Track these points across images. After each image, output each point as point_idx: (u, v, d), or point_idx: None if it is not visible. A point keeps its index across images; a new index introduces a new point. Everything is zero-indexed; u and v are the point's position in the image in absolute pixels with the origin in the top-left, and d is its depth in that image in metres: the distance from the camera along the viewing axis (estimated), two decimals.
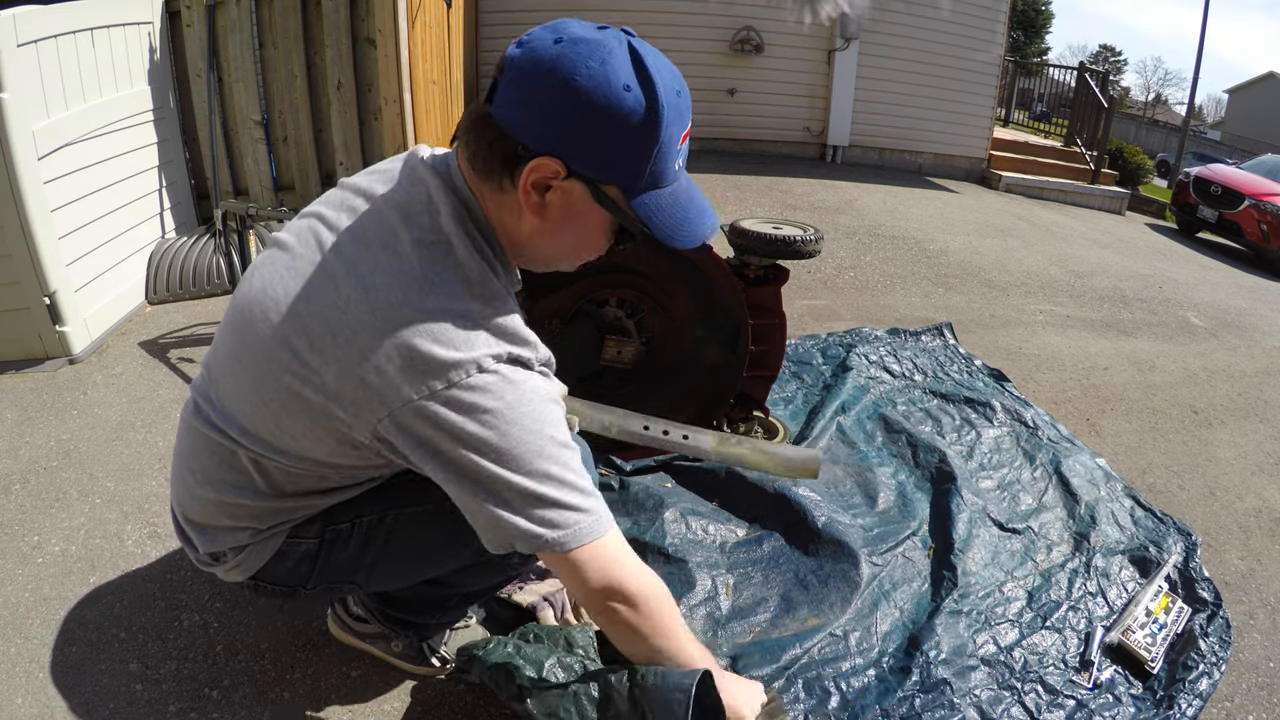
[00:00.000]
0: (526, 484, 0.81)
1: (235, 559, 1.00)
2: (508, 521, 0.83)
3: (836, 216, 5.24)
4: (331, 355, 0.80)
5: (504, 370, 0.81)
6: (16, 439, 1.96)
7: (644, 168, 0.80)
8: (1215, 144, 23.94)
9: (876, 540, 1.72)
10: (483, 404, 0.79)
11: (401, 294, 0.79)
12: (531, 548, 0.84)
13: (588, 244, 0.90)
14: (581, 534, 0.84)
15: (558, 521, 0.83)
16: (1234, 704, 1.48)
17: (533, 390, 0.83)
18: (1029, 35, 28.26)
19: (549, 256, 0.92)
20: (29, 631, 1.37)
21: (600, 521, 0.86)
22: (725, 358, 1.92)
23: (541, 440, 0.82)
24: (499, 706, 1.27)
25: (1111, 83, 11.18)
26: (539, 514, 0.82)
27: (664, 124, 0.77)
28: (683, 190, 0.86)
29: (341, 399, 0.81)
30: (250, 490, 0.94)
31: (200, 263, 2.96)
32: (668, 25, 6.55)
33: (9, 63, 2.13)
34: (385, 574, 1.08)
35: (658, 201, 0.83)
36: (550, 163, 0.78)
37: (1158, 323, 4.05)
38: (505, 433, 0.80)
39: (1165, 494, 2.26)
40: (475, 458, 0.80)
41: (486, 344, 0.80)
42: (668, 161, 0.81)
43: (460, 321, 0.80)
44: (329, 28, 3.35)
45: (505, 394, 0.80)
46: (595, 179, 0.80)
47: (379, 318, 0.79)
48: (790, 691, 1.33)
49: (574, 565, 0.86)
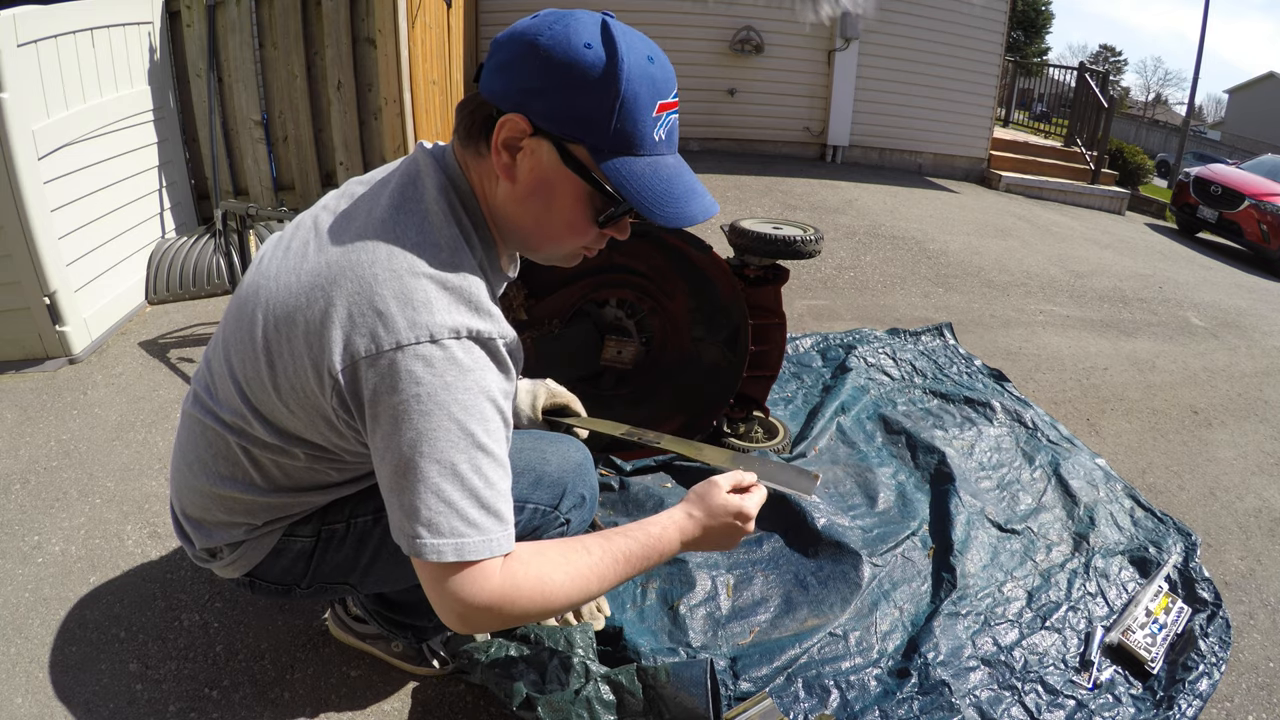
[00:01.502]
0: (429, 473, 0.76)
1: (231, 555, 1.00)
2: (394, 507, 0.79)
3: (836, 216, 5.24)
4: (301, 314, 0.81)
5: (453, 348, 0.77)
6: (16, 439, 1.96)
7: (607, 125, 0.78)
8: (1215, 144, 23.94)
9: (876, 540, 1.72)
10: (420, 375, 0.76)
11: (369, 254, 0.80)
12: (407, 548, 0.78)
13: (562, 217, 0.85)
14: (466, 549, 0.77)
15: (442, 528, 0.77)
16: (1234, 704, 1.48)
17: (475, 383, 0.78)
18: (1029, 35, 28.25)
19: (527, 233, 0.88)
20: (29, 631, 1.37)
21: (490, 543, 0.79)
22: (725, 358, 1.92)
23: (463, 435, 0.77)
24: (499, 706, 1.27)
25: (1111, 83, 11.17)
26: (427, 512, 0.77)
27: (624, 79, 0.76)
28: (666, 164, 0.83)
29: (311, 354, 0.80)
30: (245, 484, 0.94)
31: (200, 263, 2.96)
32: (668, 25, 6.55)
33: (9, 63, 2.13)
34: (379, 577, 1.08)
35: (631, 168, 0.80)
36: (516, 119, 0.79)
37: (1158, 323, 4.05)
38: (428, 413, 0.76)
39: (1165, 494, 2.26)
40: (396, 428, 0.77)
41: (445, 312, 0.78)
42: (637, 125, 0.79)
43: (421, 285, 0.78)
44: (329, 28, 3.35)
45: (445, 373, 0.76)
46: (559, 135, 0.79)
47: (347, 275, 0.79)
48: (790, 691, 1.33)
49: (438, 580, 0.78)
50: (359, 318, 0.77)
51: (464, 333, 0.78)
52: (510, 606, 0.80)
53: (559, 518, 1.11)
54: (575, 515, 1.14)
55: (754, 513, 1.01)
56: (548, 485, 1.09)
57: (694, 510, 0.98)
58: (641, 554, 0.92)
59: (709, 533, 0.97)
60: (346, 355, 0.77)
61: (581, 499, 1.15)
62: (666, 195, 0.81)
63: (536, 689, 1.17)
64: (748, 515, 0.99)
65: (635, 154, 0.80)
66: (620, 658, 1.35)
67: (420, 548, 0.77)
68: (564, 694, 1.15)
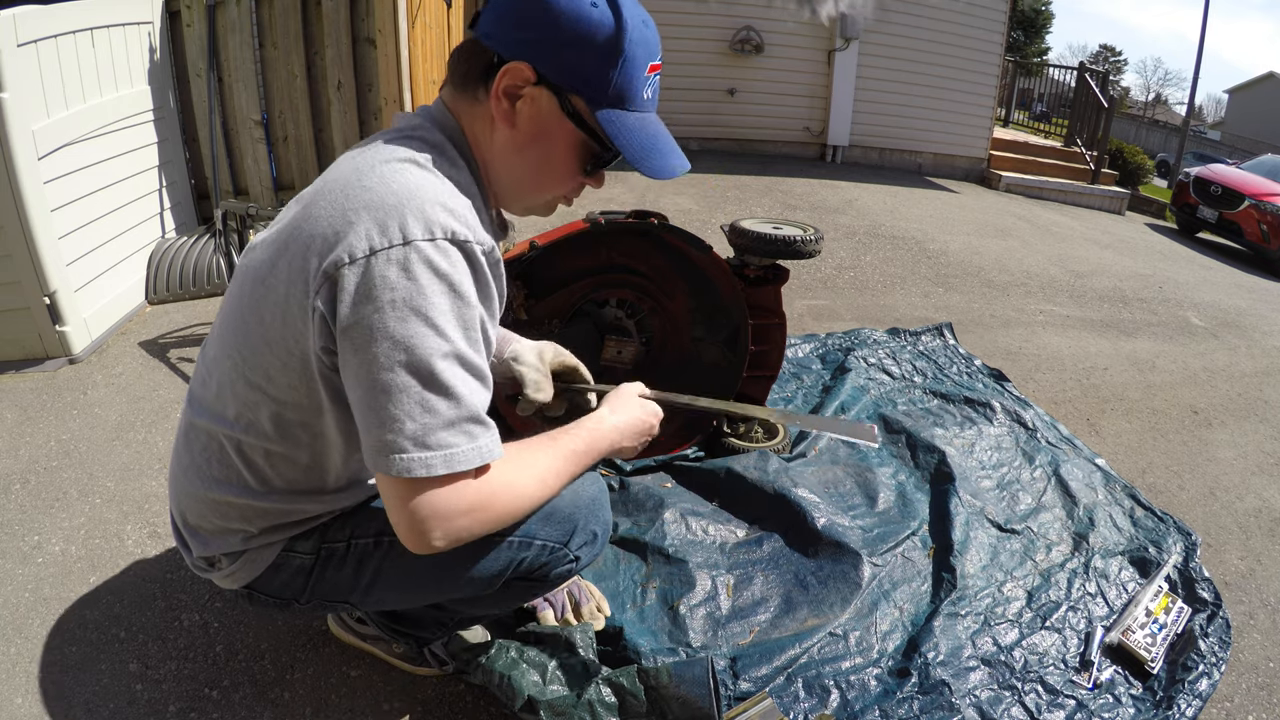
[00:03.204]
0: (410, 383, 0.74)
1: (230, 566, 0.99)
2: (371, 425, 0.76)
3: (836, 216, 5.24)
4: (285, 246, 0.82)
5: (428, 250, 0.75)
6: (16, 439, 1.96)
7: (608, 80, 0.83)
8: (1215, 144, 23.93)
9: (876, 540, 1.72)
10: (394, 280, 0.74)
11: (344, 177, 0.82)
12: (388, 467, 0.76)
13: (556, 166, 0.89)
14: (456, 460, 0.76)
15: (428, 440, 0.75)
16: (1234, 704, 1.48)
17: (452, 286, 0.76)
18: (1029, 35, 28.25)
19: (519, 179, 0.91)
20: (29, 631, 1.37)
21: (480, 450, 0.78)
22: (725, 358, 1.92)
23: (442, 340, 0.75)
24: (499, 707, 1.27)
25: (1111, 83, 11.17)
26: (412, 424, 0.75)
27: (628, 39, 0.82)
28: (652, 121, 0.89)
29: (291, 276, 0.79)
30: (239, 487, 0.93)
31: (200, 263, 2.96)
32: (668, 25, 6.54)
33: (9, 63, 2.13)
34: (380, 598, 1.05)
35: (625, 121, 0.85)
36: (521, 67, 0.82)
37: (1158, 323, 4.05)
38: (405, 319, 0.74)
39: (1165, 494, 2.26)
40: (372, 337, 0.75)
41: (419, 214, 0.76)
42: (633, 83, 0.84)
43: (395, 193, 0.77)
44: (329, 28, 3.35)
45: (420, 276, 0.74)
46: (562, 87, 0.83)
47: (324, 196, 0.81)
48: (790, 691, 1.33)
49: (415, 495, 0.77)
50: (333, 231, 0.77)
51: (439, 234, 0.76)
52: (486, 513, 0.82)
53: (567, 555, 1.06)
54: (585, 553, 1.09)
55: (661, 416, 1.13)
56: (558, 521, 1.03)
57: (617, 404, 1.08)
58: (585, 449, 0.98)
59: (632, 427, 1.07)
60: (323, 269, 0.76)
61: (593, 536, 1.09)
62: (653, 149, 0.87)
63: (537, 690, 1.17)
64: (660, 415, 1.12)
65: (627, 109, 0.86)
66: (620, 658, 1.35)
67: (409, 464, 0.75)
68: (566, 696, 1.15)
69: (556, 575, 1.08)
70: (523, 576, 1.05)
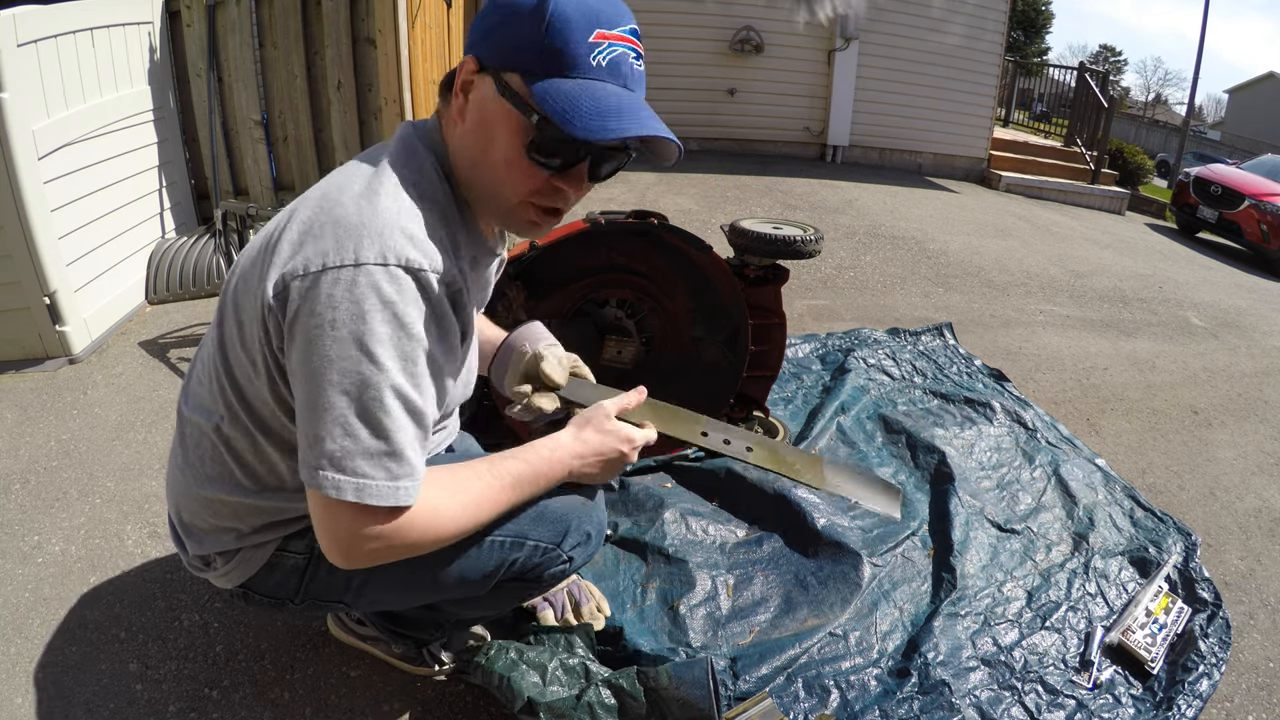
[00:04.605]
0: (336, 404, 0.74)
1: (225, 566, 0.99)
2: (301, 434, 0.77)
3: (836, 216, 5.24)
4: (269, 239, 0.84)
5: (377, 274, 0.74)
6: (16, 439, 1.96)
7: (537, 45, 0.77)
8: (1215, 144, 23.93)
9: (876, 541, 1.72)
10: (338, 299, 0.73)
11: (335, 187, 0.82)
12: (306, 477, 0.77)
13: (503, 151, 0.82)
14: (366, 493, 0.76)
15: (344, 465, 0.75)
16: (1234, 704, 1.48)
17: (396, 314, 0.75)
18: (1029, 35, 28.26)
19: (478, 179, 0.86)
20: (29, 631, 1.37)
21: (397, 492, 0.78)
22: (725, 358, 1.92)
23: (375, 369, 0.75)
24: (499, 706, 1.27)
25: (1111, 83, 11.18)
26: (331, 444, 0.75)
27: (552, 2, 0.76)
28: (604, 88, 0.79)
29: (258, 281, 0.80)
30: (231, 485, 0.93)
31: (200, 263, 2.96)
32: (668, 25, 6.55)
33: (9, 63, 2.13)
34: (372, 599, 1.05)
35: (559, 88, 0.77)
36: (468, 60, 0.83)
37: (1158, 323, 4.05)
38: (341, 340, 0.74)
39: (1165, 494, 2.26)
40: (309, 351, 0.75)
41: (375, 238, 0.75)
42: (568, 45, 0.77)
43: (356, 214, 0.76)
44: (329, 28, 3.35)
45: (364, 300, 0.73)
46: (497, 67, 0.81)
47: (298, 211, 0.82)
48: (790, 691, 1.33)
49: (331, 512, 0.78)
50: (299, 241, 0.78)
51: (392, 259, 0.75)
52: (400, 540, 0.81)
53: (560, 555, 1.05)
54: (578, 554, 1.08)
55: (640, 443, 1.03)
56: (550, 521, 1.02)
57: (583, 433, 1.00)
58: (531, 476, 0.94)
59: (598, 456, 1.00)
60: (280, 278, 0.77)
61: (586, 536, 1.08)
62: (590, 109, 0.76)
63: (537, 691, 1.17)
64: (635, 443, 1.02)
65: (566, 75, 0.78)
66: (620, 658, 1.35)
67: (320, 480, 0.76)
68: (565, 698, 1.15)
69: (550, 576, 1.07)
70: (515, 577, 1.04)
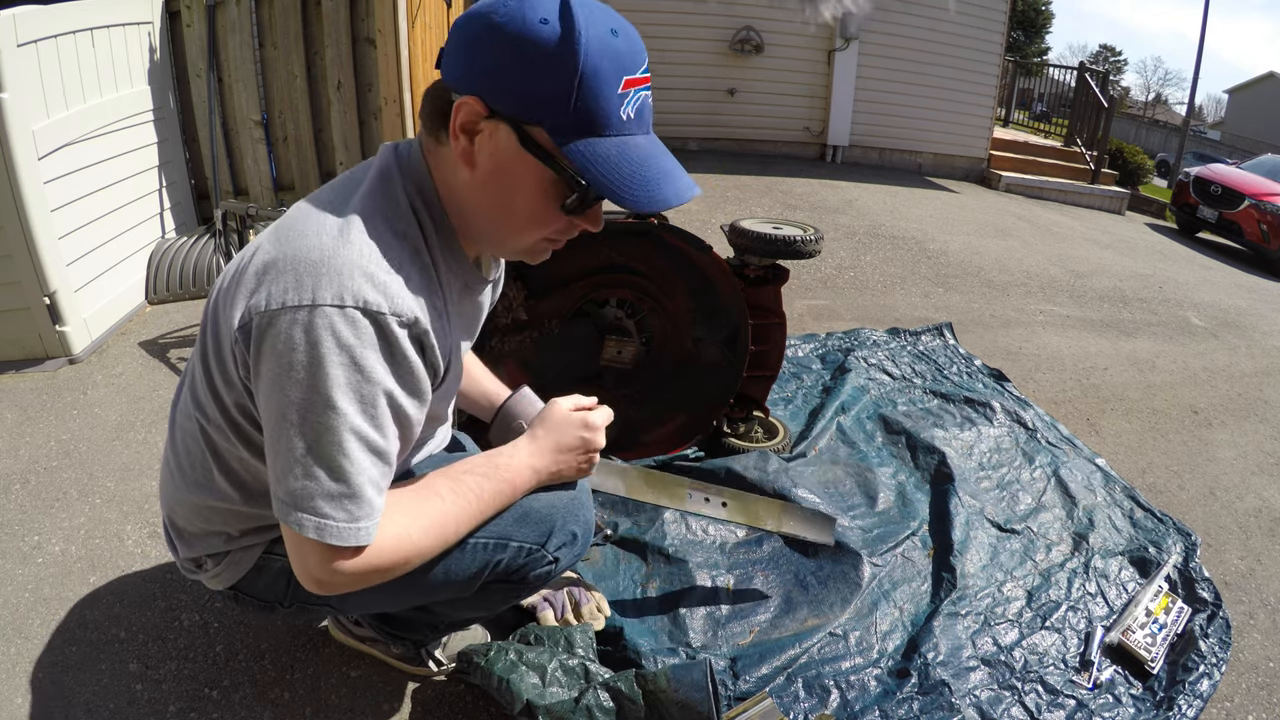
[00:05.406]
0: (296, 446, 0.75)
1: (215, 568, 1.00)
2: (269, 466, 0.78)
3: (836, 216, 5.24)
4: (254, 253, 0.82)
5: (334, 317, 0.73)
6: (16, 439, 1.96)
7: (566, 102, 0.72)
8: (1215, 144, 23.93)
9: (877, 541, 1.72)
10: (296, 341, 0.73)
11: (309, 214, 0.80)
12: (275, 509, 0.79)
13: (528, 206, 0.80)
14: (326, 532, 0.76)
15: (304, 504, 0.76)
16: (1234, 704, 1.48)
17: (353, 358, 0.74)
18: (1029, 35, 28.27)
19: (492, 224, 0.84)
20: (29, 631, 1.37)
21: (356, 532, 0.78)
22: (725, 358, 1.92)
23: (332, 413, 0.74)
24: (498, 707, 1.27)
25: (1111, 83, 11.17)
26: (293, 482, 0.76)
27: (583, 52, 0.71)
28: (636, 145, 0.77)
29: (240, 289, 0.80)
30: (217, 490, 0.93)
31: (200, 263, 2.96)
32: (668, 25, 6.55)
33: (9, 63, 2.13)
34: (360, 602, 1.04)
35: (596, 150, 0.74)
36: (472, 101, 0.75)
37: (1158, 323, 4.05)
38: (300, 383, 0.73)
39: (1165, 494, 2.26)
40: (271, 391, 0.75)
41: (335, 279, 0.73)
42: (600, 102, 0.73)
43: (320, 254, 0.75)
44: (329, 28, 3.35)
45: (321, 343, 0.72)
46: (516, 117, 0.75)
47: (267, 240, 0.81)
48: (790, 691, 1.33)
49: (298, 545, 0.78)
50: (263, 271, 0.77)
51: (349, 301, 0.73)
52: (368, 570, 0.81)
53: (545, 556, 1.04)
54: (564, 554, 1.07)
55: (601, 423, 1.02)
56: (534, 522, 1.01)
57: (538, 430, 0.99)
58: (494, 489, 0.93)
59: (558, 450, 0.99)
60: (245, 311, 0.76)
61: (572, 536, 1.07)
62: (636, 178, 0.75)
63: (536, 693, 1.17)
64: (593, 424, 1.00)
65: (601, 134, 0.75)
66: (620, 658, 1.35)
67: (284, 515, 0.77)
68: (564, 701, 1.15)
69: (536, 577, 1.06)
70: (501, 579, 1.03)
